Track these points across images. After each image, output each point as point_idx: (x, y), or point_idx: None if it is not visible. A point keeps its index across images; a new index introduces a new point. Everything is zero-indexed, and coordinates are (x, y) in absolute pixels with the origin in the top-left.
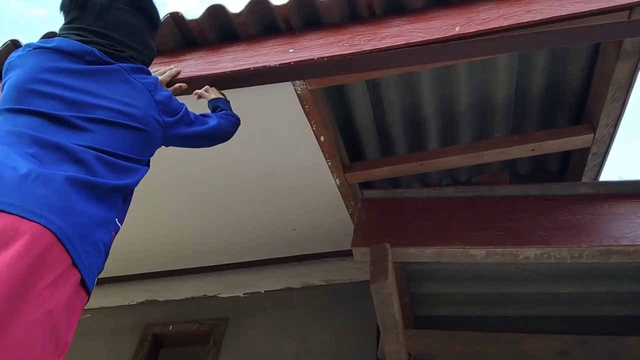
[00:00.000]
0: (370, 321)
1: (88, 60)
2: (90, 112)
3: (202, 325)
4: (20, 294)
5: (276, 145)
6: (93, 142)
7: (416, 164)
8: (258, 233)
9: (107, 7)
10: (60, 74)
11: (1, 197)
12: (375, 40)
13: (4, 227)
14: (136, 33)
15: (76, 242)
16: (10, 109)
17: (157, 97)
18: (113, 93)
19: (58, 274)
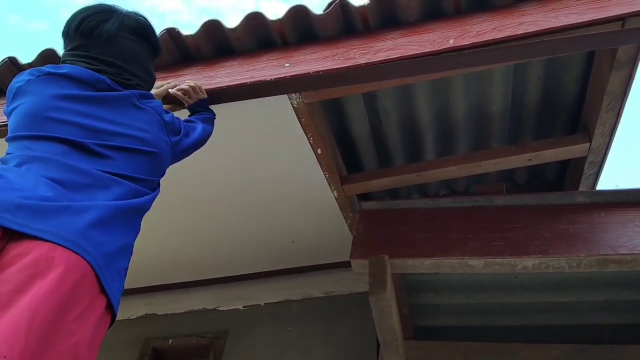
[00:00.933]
0: (370, 332)
1: (99, 88)
2: (109, 139)
3: (202, 339)
4: (52, 326)
5: (273, 158)
6: (114, 168)
7: (413, 175)
8: (257, 246)
9: (114, 36)
10: (75, 101)
11: (36, 225)
12: (370, 53)
13: (40, 256)
14: (140, 61)
15: (105, 269)
16: (28, 135)
17: (166, 118)
18: (126, 119)
19: (87, 304)
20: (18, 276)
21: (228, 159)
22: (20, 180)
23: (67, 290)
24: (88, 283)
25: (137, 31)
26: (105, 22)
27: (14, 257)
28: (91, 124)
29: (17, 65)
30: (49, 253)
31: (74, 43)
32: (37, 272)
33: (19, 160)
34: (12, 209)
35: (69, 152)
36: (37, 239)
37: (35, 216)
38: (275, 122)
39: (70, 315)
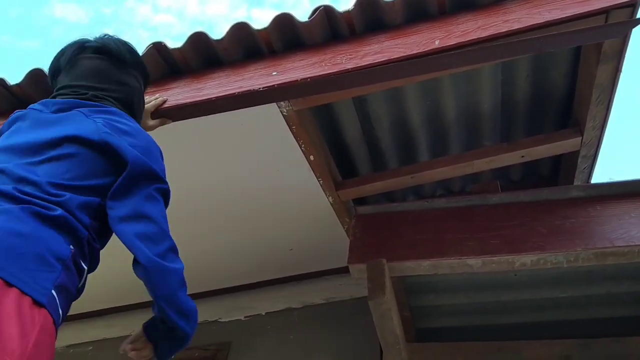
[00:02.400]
0: (373, 337)
1: (53, 111)
2: (42, 154)
3: (205, 351)
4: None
5: (266, 167)
6: (44, 178)
7: (407, 177)
8: (255, 255)
9: (70, 61)
10: (28, 129)
11: None
12: (357, 58)
13: None
14: (105, 72)
15: (24, 277)
16: None
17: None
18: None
19: (11, 308)
20: None
21: (220, 173)
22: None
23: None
24: (6, 296)
25: (98, 50)
26: (61, 56)
27: None
28: (25, 145)
29: (5, 86)
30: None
31: (54, 85)
32: None
33: None
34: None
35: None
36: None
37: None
38: (266, 132)
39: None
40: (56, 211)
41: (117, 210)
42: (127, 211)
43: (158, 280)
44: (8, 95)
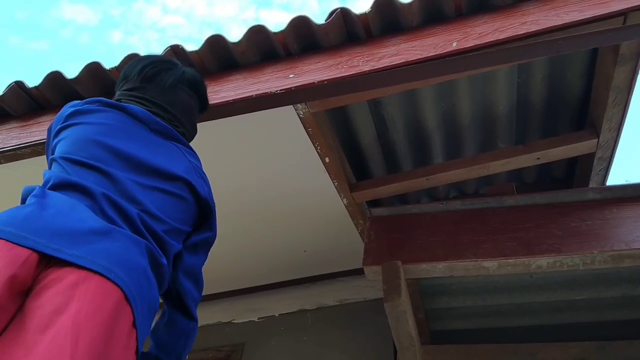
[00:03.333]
0: (387, 339)
1: (153, 129)
2: (149, 179)
3: (219, 352)
4: (98, 350)
5: (282, 169)
6: (150, 208)
7: (422, 179)
8: (269, 257)
9: (174, 85)
10: (128, 135)
11: (71, 250)
12: (374, 60)
13: (76, 280)
14: (189, 113)
15: (138, 300)
16: (74, 160)
17: (200, 190)
18: (171, 163)
19: (127, 333)
20: (56, 299)
21: (236, 176)
22: (59, 205)
23: (106, 314)
24: (123, 310)
25: (193, 85)
26: (166, 71)
27: (50, 281)
28: (138, 160)
29: (24, 89)
30: (84, 278)
31: (131, 85)
32: (73, 294)
33: (60, 184)
34: (48, 235)
35: (110, 185)
36: (72, 264)
37: (72, 242)
38: (282, 134)
39: (112, 339)
40: (163, 259)
41: (184, 264)
42: (190, 267)
43: (192, 341)
44: (26, 97)
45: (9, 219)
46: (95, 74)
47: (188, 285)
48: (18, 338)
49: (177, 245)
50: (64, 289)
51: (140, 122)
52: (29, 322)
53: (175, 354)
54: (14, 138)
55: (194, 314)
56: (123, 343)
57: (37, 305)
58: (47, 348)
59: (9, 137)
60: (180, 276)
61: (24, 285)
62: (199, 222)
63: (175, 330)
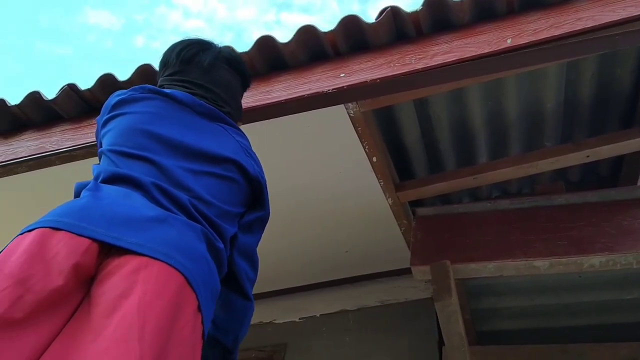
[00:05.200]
0: (430, 339)
1: (198, 111)
2: (199, 164)
3: (261, 352)
4: (164, 332)
5: (329, 169)
6: (202, 194)
7: (470, 178)
8: (311, 257)
9: (213, 64)
10: (174, 121)
11: (130, 238)
12: (427, 58)
13: (138, 266)
14: (233, 91)
15: (201, 286)
16: (123, 152)
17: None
18: (219, 145)
19: (191, 317)
20: (120, 284)
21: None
22: (113, 195)
23: (170, 297)
24: (187, 295)
25: (231, 62)
26: (204, 51)
27: (113, 268)
28: (186, 146)
29: (76, 91)
30: (146, 264)
31: (172, 69)
32: (136, 280)
33: (110, 177)
34: (106, 224)
35: (159, 174)
36: (132, 252)
37: (130, 230)
38: (330, 133)
39: (178, 322)
40: (220, 243)
41: (239, 244)
42: (245, 247)
43: (250, 320)
44: (78, 100)
45: (67, 211)
46: (147, 75)
47: (243, 265)
48: (85, 324)
49: (231, 228)
50: (127, 275)
51: (185, 107)
52: (94, 308)
53: (232, 334)
54: (68, 140)
55: (249, 294)
56: (189, 326)
57: (102, 291)
58: (115, 331)
59: (63, 139)
60: (235, 256)
61: (88, 273)
62: (251, 201)
63: (231, 311)
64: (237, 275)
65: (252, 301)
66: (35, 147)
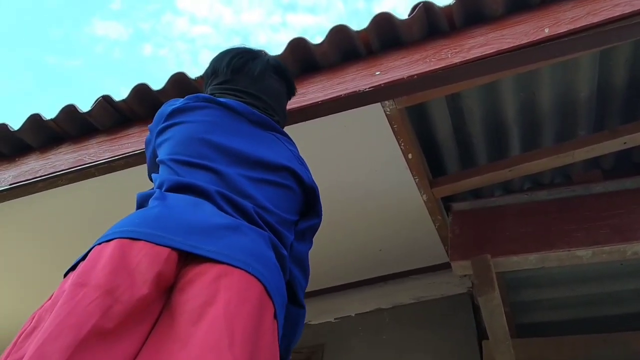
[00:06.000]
0: (468, 334)
1: (252, 120)
2: (257, 172)
3: (299, 354)
4: (252, 338)
5: (364, 167)
6: (263, 202)
7: (505, 171)
8: (344, 257)
9: (263, 73)
10: (230, 130)
11: (208, 246)
12: (463, 52)
13: (218, 274)
14: (281, 100)
15: (275, 292)
16: (183, 161)
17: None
18: (274, 153)
19: (270, 323)
20: (203, 292)
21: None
22: (182, 204)
23: (253, 305)
24: (266, 302)
25: (278, 71)
26: (253, 60)
27: (194, 276)
28: (244, 154)
29: (111, 103)
30: (226, 272)
31: (222, 78)
32: (219, 287)
33: (174, 186)
34: (182, 233)
35: (221, 183)
36: (211, 260)
37: (206, 238)
38: (366, 132)
39: (261, 330)
40: (284, 251)
41: (294, 252)
42: (298, 255)
43: (301, 328)
44: (112, 111)
45: (142, 221)
46: (181, 84)
47: (297, 273)
48: (170, 332)
49: (290, 236)
50: (209, 283)
51: (239, 116)
52: (178, 316)
53: (285, 341)
54: (106, 151)
55: (302, 301)
56: (270, 334)
57: (185, 299)
58: (204, 338)
59: (100, 150)
60: (290, 264)
61: (169, 282)
62: (305, 209)
63: (285, 318)
64: (292, 283)
65: (304, 309)
66: (73, 159)
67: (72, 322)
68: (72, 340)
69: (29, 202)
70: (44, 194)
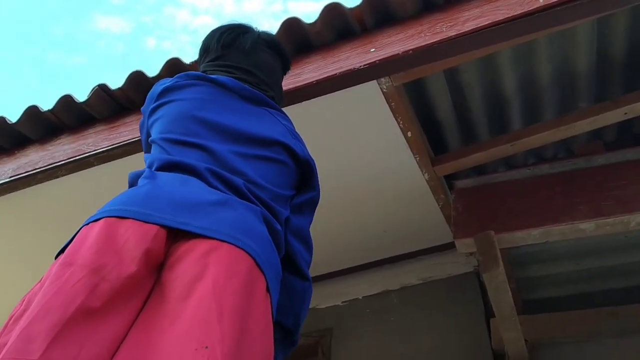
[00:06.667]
0: (476, 313)
1: (243, 95)
2: (249, 147)
3: (308, 338)
4: (241, 312)
5: (363, 148)
6: (254, 177)
7: (507, 146)
8: (349, 240)
9: (254, 47)
10: (221, 106)
11: (197, 222)
12: (458, 24)
13: (207, 250)
14: (275, 74)
15: (267, 266)
16: (175, 140)
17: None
18: (266, 128)
19: (262, 298)
20: (192, 268)
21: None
22: (171, 182)
23: (242, 279)
24: (256, 276)
25: (271, 45)
26: (244, 34)
27: (183, 252)
28: (235, 130)
29: (107, 91)
30: (215, 247)
31: (214, 55)
32: (208, 262)
33: (164, 165)
34: (170, 210)
35: (211, 160)
36: (200, 236)
37: (195, 214)
38: (363, 111)
39: (252, 303)
40: (277, 225)
41: (291, 226)
42: (297, 229)
43: (309, 301)
44: (109, 100)
45: (130, 200)
46: (176, 69)
47: (297, 246)
48: (161, 309)
49: (284, 211)
50: (197, 258)
51: (230, 92)
52: (168, 292)
53: (293, 315)
54: (104, 140)
55: (306, 274)
56: (262, 307)
57: (175, 276)
58: (193, 313)
59: (98, 139)
60: (289, 238)
61: (158, 259)
62: (300, 183)
63: (290, 292)
64: (293, 257)
65: (310, 281)
66: (72, 150)
67: (58, 302)
68: (58, 320)
69: (30, 194)
70: (44, 185)
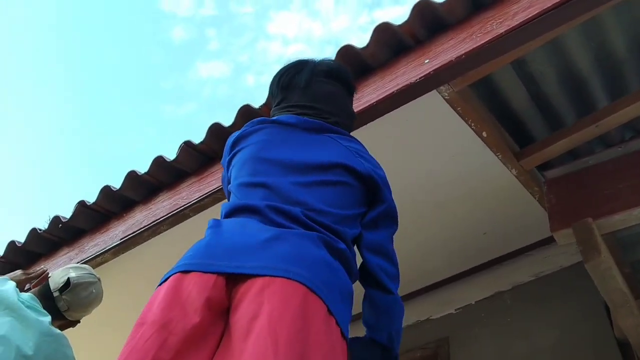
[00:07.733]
0: (595, 303)
1: (304, 128)
2: (311, 176)
3: (426, 350)
4: (298, 343)
5: (441, 157)
6: (315, 204)
7: (592, 127)
8: (451, 247)
9: (309, 82)
10: (285, 143)
11: (249, 263)
12: (508, 19)
13: (262, 287)
14: (336, 101)
15: (325, 290)
16: (245, 183)
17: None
18: (328, 154)
19: (322, 321)
20: (250, 307)
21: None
22: (231, 228)
23: (296, 309)
24: (313, 302)
25: (329, 74)
26: (298, 73)
27: (241, 295)
28: (295, 162)
29: (192, 146)
30: (268, 283)
31: (278, 98)
32: (262, 300)
33: (231, 210)
34: (227, 256)
35: (272, 195)
36: (254, 275)
37: (249, 256)
38: (432, 122)
39: (309, 329)
40: (340, 244)
41: (365, 241)
42: (373, 244)
43: (399, 314)
44: (196, 154)
45: (194, 252)
46: (248, 115)
47: (376, 260)
48: (228, 350)
49: (351, 230)
50: (253, 297)
51: (293, 127)
52: (233, 334)
53: (384, 331)
54: (196, 192)
55: (389, 287)
56: (323, 331)
57: (237, 318)
58: (252, 351)
59: (190, 192)
60: (365, 253)
61: (222, 305)
62: (371, 198)
63: (375, 307)
64: (372, 271)
65: (395, 294)
66: (170, 205)
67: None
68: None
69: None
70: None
